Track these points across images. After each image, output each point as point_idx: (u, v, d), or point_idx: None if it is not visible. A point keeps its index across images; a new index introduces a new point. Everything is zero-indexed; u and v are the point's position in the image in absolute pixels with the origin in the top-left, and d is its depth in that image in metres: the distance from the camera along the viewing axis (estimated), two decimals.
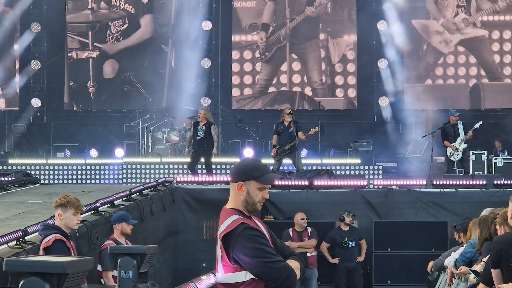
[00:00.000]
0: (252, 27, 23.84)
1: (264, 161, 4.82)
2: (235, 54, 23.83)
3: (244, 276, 4.45)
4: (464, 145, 17.49)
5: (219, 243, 4.50)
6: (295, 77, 23.68)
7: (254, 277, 4.46)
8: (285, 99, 23.63)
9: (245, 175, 4.59)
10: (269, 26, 23.71)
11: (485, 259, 6.49)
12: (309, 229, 14.05)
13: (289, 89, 23.77)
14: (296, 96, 23.68)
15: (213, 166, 17.39)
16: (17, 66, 23.89)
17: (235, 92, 23.78)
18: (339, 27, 23.78)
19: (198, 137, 16.14)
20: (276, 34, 23.69)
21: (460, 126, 17.55)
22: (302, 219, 13.97)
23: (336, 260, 14.23)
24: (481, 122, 17.74)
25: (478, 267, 6.52)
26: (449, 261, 9.36)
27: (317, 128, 17.23)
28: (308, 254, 13.77)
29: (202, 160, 16.45)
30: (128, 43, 23.79)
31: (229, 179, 4.73)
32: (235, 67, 23.83)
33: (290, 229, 13.97)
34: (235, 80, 23.80)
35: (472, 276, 6.59)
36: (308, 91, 23.64)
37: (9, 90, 23.93)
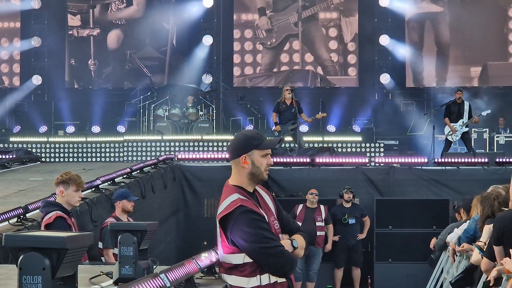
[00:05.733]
0: (254, 7, 23.63)
1: None
2: (236, 33, 23.68)
3: (242, 258, 4.39)
4: (465, 129, 16.97)
5: (217, 223, 4.46)
6: (308, 56, 23.51)
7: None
8: (298, 78, 23.50)
9: (245, 147, 4.50)
10: (265, 10, 23.46)
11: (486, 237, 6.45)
12: (322, 207, 13.98)
13: (301, 68, 23.62)
14: (309, 74, 23.52)
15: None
16: (18, 43, 23.77)
17: (237, 71, 23.65)
18: (352, 5, 23.56)
19: None
20: (284, 21, 23.43)
21: (466, 107, 16.95)
22: (311, 194, 13.89)
23: (336, 238, 14.22)
24: (489, 111, 17.36)
25: (481, 244, 6.48)
26: (451, 237, 9.33)
27: (324, 113, 17.75)
28: (318, 233, 13.75)
29: None
30: (115, 16, 23.63)
31: (227, 156, 4.58)
32: (236, 46, 23.68)
33: (301, 205, 13.89)
34: (236, 58, 23.67)
35: (476, 251, 6.55)
36: (320, 70, 23.49)
37: (10, 67, 23.87)
